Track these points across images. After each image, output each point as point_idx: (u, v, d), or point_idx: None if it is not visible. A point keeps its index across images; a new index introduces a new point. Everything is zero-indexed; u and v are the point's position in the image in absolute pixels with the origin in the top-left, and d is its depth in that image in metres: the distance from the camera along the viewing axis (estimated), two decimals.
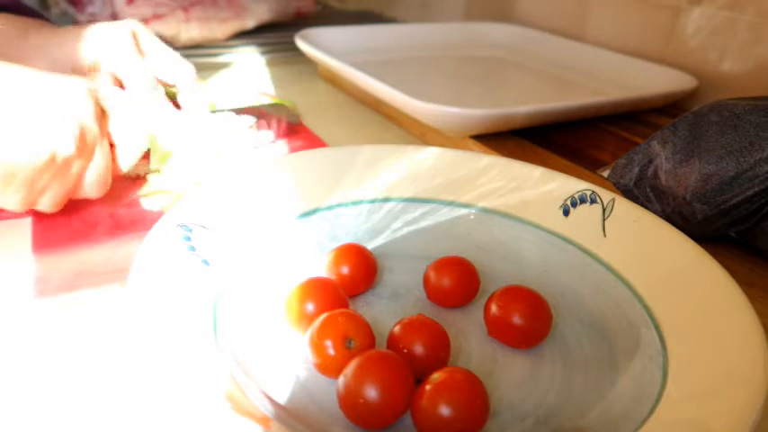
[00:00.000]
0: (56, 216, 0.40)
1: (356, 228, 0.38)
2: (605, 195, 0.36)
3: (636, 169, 0.42)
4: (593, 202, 0.36)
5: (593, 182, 0.37)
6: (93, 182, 0.39)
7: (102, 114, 0.39)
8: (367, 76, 0.59)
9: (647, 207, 0.40)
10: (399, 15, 1.14)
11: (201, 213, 0.32)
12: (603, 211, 0.35)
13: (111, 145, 0.40)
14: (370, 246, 0.37)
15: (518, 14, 0.93)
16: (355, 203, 0.38)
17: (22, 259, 0.36)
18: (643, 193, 0.41)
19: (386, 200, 0.39)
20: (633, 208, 0.34)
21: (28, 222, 0.40)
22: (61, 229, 0.39)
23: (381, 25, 0.89)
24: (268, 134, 0.53)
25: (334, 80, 0.76)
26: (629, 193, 0.42)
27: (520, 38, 0.87)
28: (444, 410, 0.24)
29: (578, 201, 0.36)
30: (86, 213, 0.41)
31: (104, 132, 0.39)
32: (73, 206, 0.41)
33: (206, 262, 0.30)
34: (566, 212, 0.36)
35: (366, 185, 0.39)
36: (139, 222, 0.41)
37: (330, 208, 0.37)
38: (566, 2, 0.86)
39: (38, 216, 0.40)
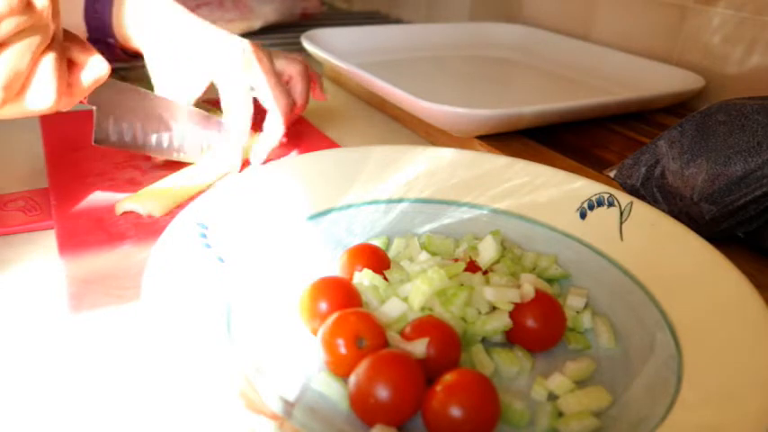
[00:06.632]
0: (80, 226, 0.40)
1: (371, 228, 0.38)
2: (623, 198, 0.35)
3: (643, 169, 0.41)
4: (610, 205, 0.36)
5: (598, 182, 0.37)
6: (47, 75, 0.30)
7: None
8: (373, 77, 0.59)
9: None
10: (405, 16, 1.14)
11: (218, 211, 0.32)
12: (621, 214, 0.35)
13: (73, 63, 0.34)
14: (383, 245, 0.37)
15: (524, 14, 0.93)
16: (369, 203, 0.38)
17: (50, 271, 0.36)
18: (650, 193, 0.41)
19: (400, 200, 0.39)
20: (651, 211, 0.34)
21: (52, 234, 0.39)
22: (86, 239, 0.39)
23: (387, 26, 0.89)
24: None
25: (339, 81, 0.76)
26: (635, 194, 0.42)
27: (526, 38, 0.87)
28: (455, 411, 0.24)
29: (595, 204, 0.36)
30: (110, 224, 0.40)
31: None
32: (97, 217, 0.41)
33: (221, 259, 0.30)
34: (582, 215, 0.36)
35: (381, 186, 0.39)
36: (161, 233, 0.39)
37: (344, 208, 0.37)
38: (572, 2, 0.85)
39: (61, 227, 0.39)
